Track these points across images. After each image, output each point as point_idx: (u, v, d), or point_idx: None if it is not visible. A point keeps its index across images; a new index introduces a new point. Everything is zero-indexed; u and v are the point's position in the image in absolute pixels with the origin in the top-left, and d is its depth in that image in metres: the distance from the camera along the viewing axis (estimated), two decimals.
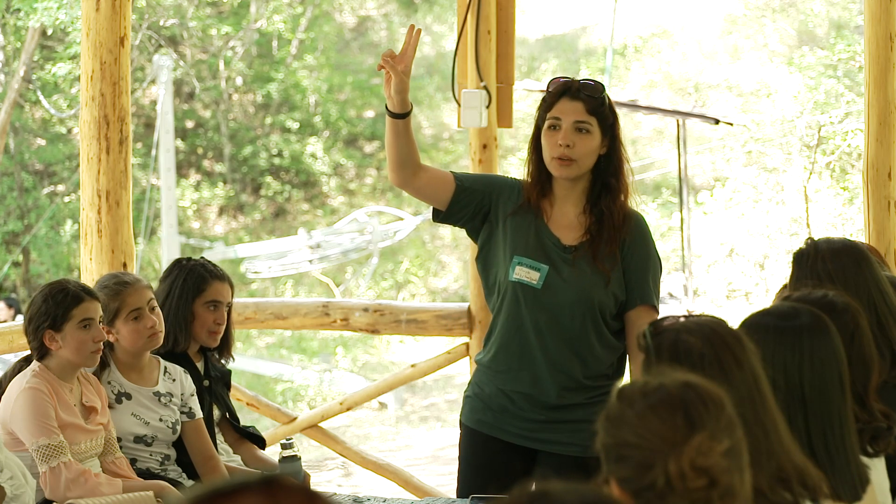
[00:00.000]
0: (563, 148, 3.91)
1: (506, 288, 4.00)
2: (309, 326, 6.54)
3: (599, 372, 4.00)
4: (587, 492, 1.80)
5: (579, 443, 3.95)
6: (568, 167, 3.94)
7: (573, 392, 3.98)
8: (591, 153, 3.95)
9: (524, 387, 3.99)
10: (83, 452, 3.89)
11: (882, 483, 2.96)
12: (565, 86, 3.98)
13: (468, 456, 4.14)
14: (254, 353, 20.03)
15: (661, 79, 23.98)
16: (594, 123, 3.94)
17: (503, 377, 4.03)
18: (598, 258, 3.95)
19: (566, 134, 3.91)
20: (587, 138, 3.93)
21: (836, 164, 16.17)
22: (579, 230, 3.99)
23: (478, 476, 4.09)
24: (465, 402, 4.16)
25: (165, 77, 19.15)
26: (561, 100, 3.96)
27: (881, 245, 5.47)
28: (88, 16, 4.99)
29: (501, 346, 4.03)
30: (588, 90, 3.95)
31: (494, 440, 4.05)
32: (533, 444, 4.02)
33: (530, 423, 4.01)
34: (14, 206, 21.30)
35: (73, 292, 3.91)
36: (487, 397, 4.07)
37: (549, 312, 3.95)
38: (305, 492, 1.68)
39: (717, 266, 17.12)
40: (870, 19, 5.58)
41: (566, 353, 3.96)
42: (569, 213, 4.01)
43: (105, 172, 5.04)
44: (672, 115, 16.28)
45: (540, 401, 3.99)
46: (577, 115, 3.92)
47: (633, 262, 4.00)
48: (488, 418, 4.06)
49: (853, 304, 3.01)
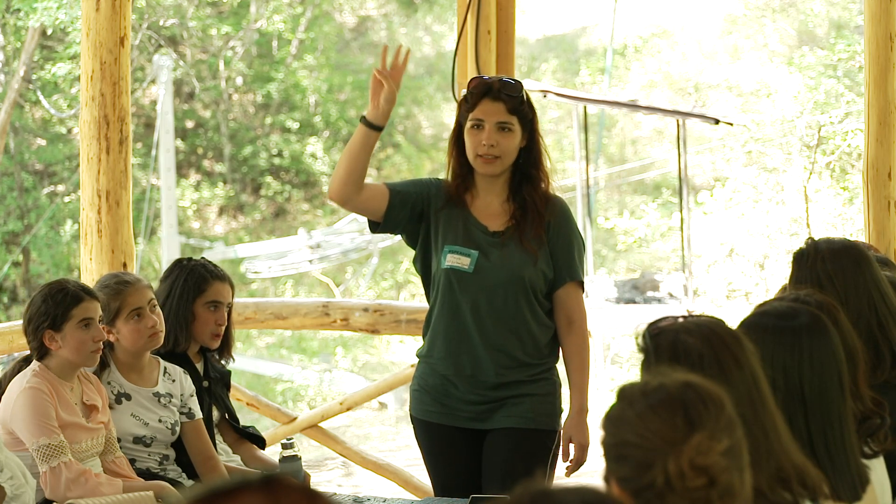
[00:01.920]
0: (487, 147, 4.08)
1: (440, 277, 4.15)
2: (309, 326, 6.55)
3: (537, 350, 4.15)
4: (588, 492, 1.80)
5: (519, 415, 4.12)
6: (492, 164, 4.11)
7: (513, 370, 4.13)
8: (514, 150, 4.13)
9: (466, 369, 4.13)
10: (84, 451, 3.89)
11: (882, 483, 2.96)
12: (486, 86, 4.12)
13: (426, 447, 4.27)
14: (254, 353, 20.04)
15: (661, 79, 23.98)
16: (515, 122, 4.11)
17: (443, 363, 4.16)
18: (524, 239, 4.12)
19: (489, 134, 4.08)
20: (509, 136, 4.10)
21: (836, 164, 16.17)
22: (504, 217, 4.16)
23: (440, 465, 4.23)
24: (411, 397, 4.30)
25: (165, 77, 19.15)
26: (483, 100, 4.11)
27: (881, 245, 5.47)
28: (88, 16, 4.99)
29: (439, 334, 4.17)
30: (508, 90, 4.10)
31: (445, 427, 4.19)
32: (481, 425, 4.15)
33: (475, 406, 4.14)
34: (14, 206, 21.31)
35: (73, 292, 3.91)
36: (431, 388, 4.20)
37: (483, 294, 4.10)
38: (305, 491, 1.68)
39: (717, 266, 17.12)
40: (870, 19, 5.58)
41: (503, 333, 4.11)
42: (492, 202, 4.18)
43: (105, 172, 5.04)
44: (672, 115, 16.28)
45: (481, 381, 4.13)
46: (499, 116, 4.09)
47: (558, 242, 4.16)
48: (436, 408, 4.19)
49: (827, 299, 3.02)
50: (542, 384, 4.17)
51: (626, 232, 19.39)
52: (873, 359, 3.41)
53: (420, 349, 4.28)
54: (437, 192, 4.20)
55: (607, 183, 23.67)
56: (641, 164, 23.69)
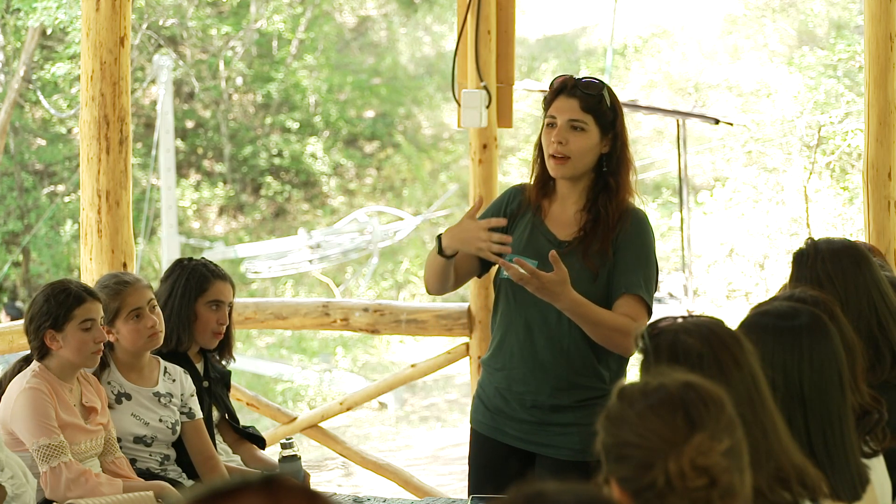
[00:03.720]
0: (556, 145, 3.90)
1: (499, 285, 4.02)
2: (309, 326, 6.54)
3: (591, 371, 3.94)
4: (583, 492, 1.80)
5: (571, 447, 3.95)
6: (563, 165, 3.91)
7: (564, 392, 3.94)
8: (587, 151, 3.92)
9: (517, 385, 3.98)
10: (83, 452, 3.89)
11: (882, 482, 2.96)
12: (562, 83, 3.96)
13: (473, 457, 4.15)
14: (254, 353, 20.03)
15: (661, 79, 23.98)
16: (590, 121, 3.91)
17: (499, 375, 4.03)
18: (587, 254, 3.90)
19: (560, 131, 3.90)
20: (582, 136, 3.90)
21: (836, 164, 16.16)
22: (575, 226, 3.96)
23: (480, 477, 4.10)
24: (472, 403, 4.18)
25: (165, 77, 19.14)
26: (558, 98, 3.95)
27: (881, 245, 5.47)
28: (88, 16, 4.99)
29: (497, 345, 4.03)
30: (584, 87, 3.93)
31: (493, 441, 4.06)
32: (528, 446, 4.01)
33: (523, 425, 4.00)
34: (14, 206, 21.30)
35: (75, 292, 3.91)
36: (487, 398, 4.08)
37: (537, 308, 3.91)
38: (305, 492, 1.68)
39: (717, 266, 17.11)
40: (870, 19, 5.58)
41: (553, 352, 3.93)
42: (568, 210, 3.99)
43: (105, 172, 5.04)
44: (672, 115, 16.28)
45: (531, 401, 3.97)
46: (571, 113, 3.91)
47: (622, 256, 3.92)
48: (487, 419, 4.07)
49: (822, 295, 3.02)
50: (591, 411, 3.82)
51: None
52: (873, 358, 3.41)
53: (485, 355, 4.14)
54: (514, 198, 4.05)
55: None
56: (641, 164, 23.65)
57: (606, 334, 3.85)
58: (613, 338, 3.86)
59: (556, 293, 3.75)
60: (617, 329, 3.85)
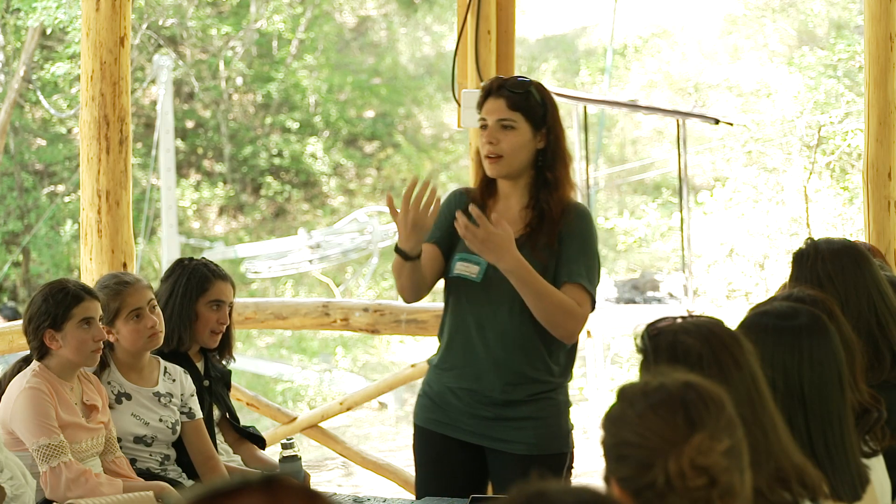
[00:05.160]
0: (488, 145, 3.97)
1: (449, 285, 4.07)
2: (309, 326, 6.54)
3: (546, 366, 4.01)
4: (584, 492, 1.80)
5: (524, 441, 3.99)
6: (496, 164, 3.98)
7: (518, 387, 3.99)
8: (520, 148, 3.97)
9: (469, 383, 4.02)
10: (84, 451, 3.89)
11: (882, 483, 2.96)
12: (489, 85, 4.04)
13: (421, 455, 4.17)
14: (254, 353, 20.04)
15: (661, 79, 23.98)
16: (519, 118, 3.97)
17: (449, 375, 4.06)
18: (536, 249, 3.95)
19: (491, 131, 3.97)
20: (512, 134, 3.96)
21: (836, 164, 16.16)
22: (521, 224, 4.00)
23: (430, 474, 4.13)
24: (417, 402, 4.20)
25: (165, 77, 19.14)
26: (487, 100, 4.02)
27: (881, 245, 5.48)
28: (88, 16, 4.99)
29: (447, 345, 4.07)
30: (510, 86, 3.98)
31: (444, 438, 4.08)
32: (481, 440, 4.04)
33: (477, 420, 4.03)
34: (14, 206, 21.30)
35: (74, 291, 3.91)
36: (436, 395, 4.10)
37: (489, 306, 3.96)
38: (306, 492, 1.68)
39: (717, 266, 17.10)
40: (870, 19, 5.58)
41: (506, 346, 3.97)
42: (512, 208, 4.04)
43: (105, 172, 5.04)
44: (672, 115, 16.27)
45: (485, 396, 4.01)
46: (500, 113, 3.97)
47: (566, 248, 3.97)
48: (438, 416, 4.10)
49: (822, 295, 3.02)
50: (544, 405, 4.01)
51: (626, 232, 19.39)
52: (872, 358, 3.41)
53: (432, 356, 4.18)
54: (459, 201, 4.10)
55: (607, 183, 23.67)
56: (641, 164, 23.68)
57: (550, 310, 3.88)
58: (556, 315, 3.90)
59: (501, 247, 3.79)
60: (561, 306, 3.89)
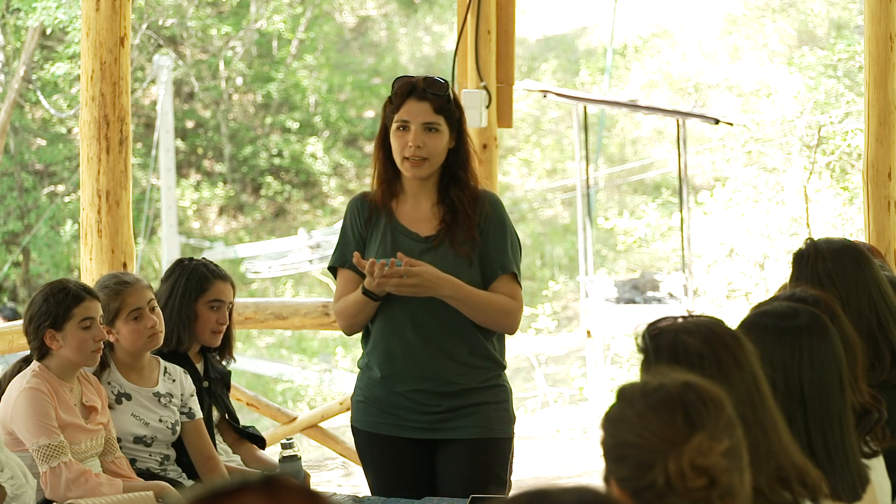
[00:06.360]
0: (414, 148, 3.94)
1: None
2: (309, 326, 6.54)
3: (485, 352, 4.02)
4: (586, 492, 1.80)
5: (474, 424, 3.99)
6: (420, 167, 3.97)
7: (465, 377, 3.99)
8: (442, 150, 3.98)
9: (416, 384, 3.99)
10: (83, 452, 3.89)
11: (882, 483, 2.96)
12: (411, 86, 3.99)
13: (371, 459, 4.13)
14: (254, 353, 20.04)
15: (661, 79, 23.98)
16: (442, 122, 3.97)
17: (393, 380, 4.02)
18: (455, 243, 3.97)
19: (416, 135, 3.94)
20: (437, 137, 3.96)
21: (836, 164, 16.16)
22: (434, 221, 4.01)
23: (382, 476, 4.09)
24: (355, 408, 4.14)
25: (165, 77, 19.15)
26: (408, 101, 3.97)
27: (881, 245, 5.48)
28: (88, 16, 4.99)
29: (383, 352, 4.02)
30: (434, 89, 3.97)
31: (394, 439, 4.05)
32: (434, 434, 4.02)
33: (429, 416, 4.01)
34: (14, 206, 21.31)
35: (74, 291, 3.91)
36: (379, 400, 4.06)
37: (421, 302, 3.94)
38: (306, 492, 1.68)
39: (717, 266, 17.10)
40: (870, 19, 5.58)
41: (449, 338, 3.98)
42: (421, 207, 4.04)
43: (105, 172, 5.04)
44: (672, 115, 16.27)
45: (432, 392, 3.99)
46: (425, 116, 3.95)
47: (490, 237, 4.00)
48: (385, 419, 4.05)
49: (823, 295, 3.02)
50: (495, 391, 4.03)
51: (626, 232, 19.39)
52: (873, 358, 3.41)
53: (360, 361, 4.14)
54: (361, 210, 4.07)
55: (607, 183, 23.67)
56: (641, 164, 23.69)
57: (491, 315, 3.98)
58: (497, 317, 3.99)
59: (434, 281, 3.87)
60: (499, 309, 3.98)
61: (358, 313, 4.01)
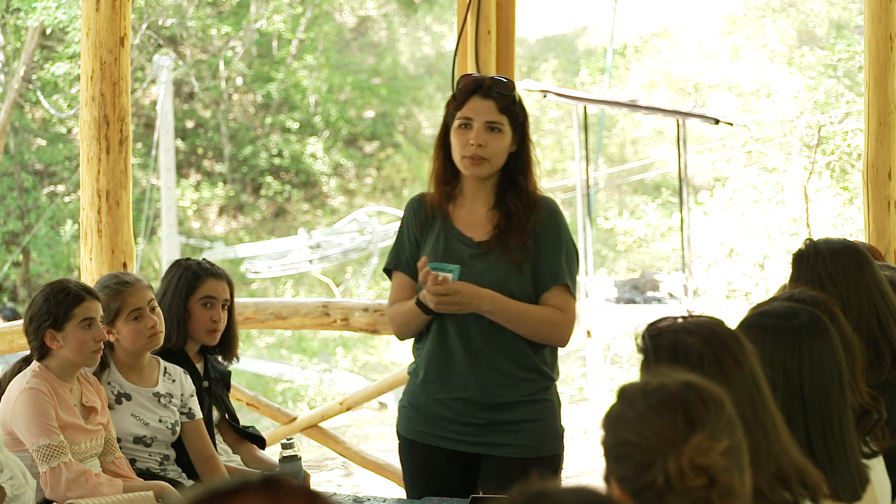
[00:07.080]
0: (475, 147, 3.88)
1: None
2: (309, 326, 6.54)
3: (533, 365, 3.95)
4: (585, 492, 1.80)
5: (520, 443, 3.93)
6: (480, 166, 3.91)
7: (508, 389, 3.93)
8: (503, 152, 3.93)
9: (458, 392, 3.95)
10: (83, 452, 3.89)
11: (882, 483, 2.96)
12: (476, 83, 3.94)
13: (410, 467, 4.10)
14: (254, 353, 20.04)
15: (661, 79, 23.99)
16: (506, 122, 3.92)
17: (434, 387, 3.99)
18: (507, 250, 3.91)
19: (478, 133, 3.89)
20: (499, 137, 3.91)
21: (836, 164, 16.16)
22: (488, 226, 3.96)
23: (420, 483, 4.06)
24: (400, 413, 4.13)
25: (165, 77, 19.15)
26: (472, 98, 3.92)
27: (881, 245, 5.48)
28: (88, 16, 4.99)
29: (429, 357, 4.00)
30: (499, 88, 3.92)
31: (434, 449, 4.01)
32: (475, 448, 3.97)
33: (470, 428, 3.96)
34: (14, 206, 21.31)
35: (75, 292, 3.91)
36: (422, 407, 4.03)
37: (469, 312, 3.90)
38: (306, 492, 1.68)
39: (717, 266, 17.10)
40: (870, 19, 5.58)
41: (494, 350, 3.92)
42: (478, 210, 3.98)
43: (105, 172, 5.04)
44: (672, 115, 16.27)
45: (476, 403, 3.94)
46: (489, 115, 3.90)
47: (543, 246, 3.94)
48: (425, 428, 4.02)
49: (822, 296, 3.02)
50: (540, 406, 3.96)
51: (626, 232, 19.39)
52: (873, 358, 3.42)
53: (410, 366, 4.13)
54: (417, 212, 4.03)
55: (607, 183, 23.68)
56: (641, 164, 23.69)
57: (535, 328, 3.91)
58: (542, 330, 3.92)
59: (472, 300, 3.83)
60: (545, 321, 3.92)
61: (410, 322, 3.99)
